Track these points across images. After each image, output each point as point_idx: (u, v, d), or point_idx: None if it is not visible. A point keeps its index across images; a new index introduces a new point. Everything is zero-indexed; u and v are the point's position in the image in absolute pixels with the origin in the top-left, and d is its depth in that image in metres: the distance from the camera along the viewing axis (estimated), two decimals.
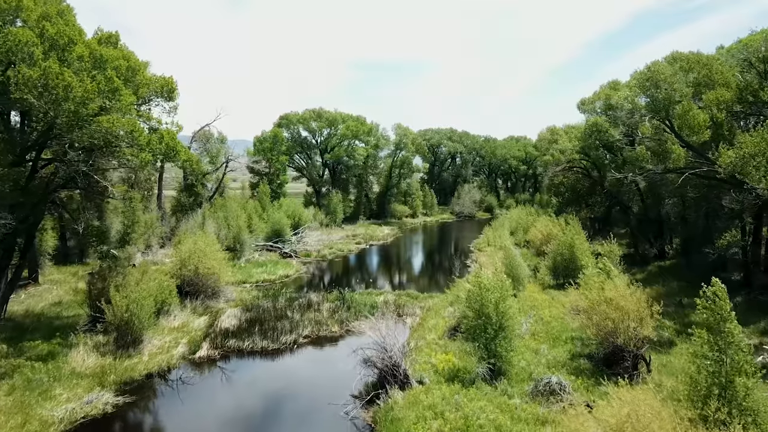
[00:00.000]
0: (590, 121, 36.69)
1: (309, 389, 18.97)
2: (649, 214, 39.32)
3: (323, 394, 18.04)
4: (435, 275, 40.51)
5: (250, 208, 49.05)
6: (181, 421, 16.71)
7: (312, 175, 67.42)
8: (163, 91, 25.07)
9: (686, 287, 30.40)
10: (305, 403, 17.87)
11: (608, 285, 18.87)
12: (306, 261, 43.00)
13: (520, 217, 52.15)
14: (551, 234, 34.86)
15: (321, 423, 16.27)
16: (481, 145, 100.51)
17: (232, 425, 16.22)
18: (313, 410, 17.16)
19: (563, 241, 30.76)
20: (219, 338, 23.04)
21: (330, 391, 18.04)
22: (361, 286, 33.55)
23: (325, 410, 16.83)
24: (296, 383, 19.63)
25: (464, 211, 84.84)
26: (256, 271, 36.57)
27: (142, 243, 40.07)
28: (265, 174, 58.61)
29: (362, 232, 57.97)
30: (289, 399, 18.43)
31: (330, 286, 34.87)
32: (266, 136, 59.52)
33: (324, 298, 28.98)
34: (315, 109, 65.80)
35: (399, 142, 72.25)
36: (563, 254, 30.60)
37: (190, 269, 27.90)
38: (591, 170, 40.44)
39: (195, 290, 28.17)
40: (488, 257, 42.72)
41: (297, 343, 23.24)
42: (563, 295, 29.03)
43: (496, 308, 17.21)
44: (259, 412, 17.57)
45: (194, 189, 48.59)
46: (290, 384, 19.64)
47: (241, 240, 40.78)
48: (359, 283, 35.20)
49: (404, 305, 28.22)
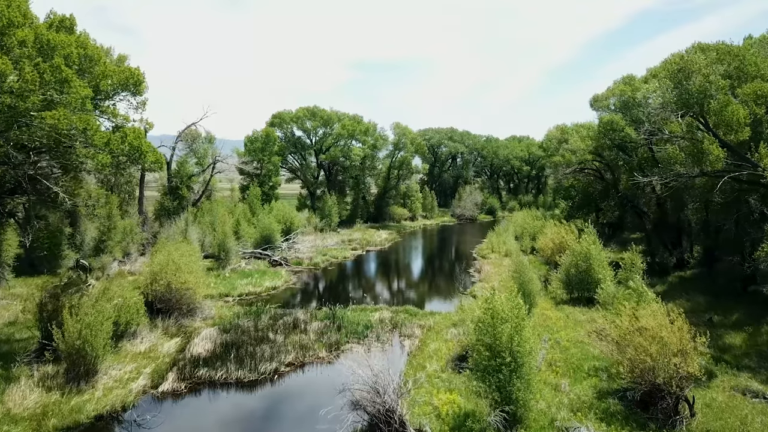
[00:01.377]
0: (604, 118, 33.72)
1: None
2: (667, 219, 36.37)
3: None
4: (436, 286, 37.49)
5: (239, 212, 46.10)
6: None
7: (306, 177, 64.40)
8: (129, 84, 22.08)
9: (714, 302, 27.45)
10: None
11: (642, 310, 15.89)
12: (297, 270, 40.01)
13: (526, 222, 49.16)
14: (564, 242, 31.87)
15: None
16: (483, 145, 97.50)
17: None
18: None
19: (578, 251, 27.77)
20: (189, 367, 20.03)
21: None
22: (355, 300, 30.57)
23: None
24: (273, 427, 16.65)
25: (465, 213, 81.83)
26: (241, 282, 33.56)
27: (119, 251, 37.09)
28: (256, 176, 55.62)
29: (359, 237, 54.97)
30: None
31: (320, 300, 31.91)
32: (257, 136, 56.52)
33: (312, 316, 26.00)
34: (309, 107, 62.74)
35: (397, 141, 69.24)
36: (578, 266, 27.62)
37: (162, 284, 24.89)
38: (604, 172, 37.45)
39: (168, 307, 25.19)
40: (493, 265, 39.77)
41: (278, 372, 20.24)
42: (580, 313, 26.08)
43: (511, 342, 14.21)
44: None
45: (179, 192, 45.62)
46: (265, 428, 16.66)
47: (226, 247, 37.80)
48: (353, 296, 32.25)
49: (402, 324, 25.24)
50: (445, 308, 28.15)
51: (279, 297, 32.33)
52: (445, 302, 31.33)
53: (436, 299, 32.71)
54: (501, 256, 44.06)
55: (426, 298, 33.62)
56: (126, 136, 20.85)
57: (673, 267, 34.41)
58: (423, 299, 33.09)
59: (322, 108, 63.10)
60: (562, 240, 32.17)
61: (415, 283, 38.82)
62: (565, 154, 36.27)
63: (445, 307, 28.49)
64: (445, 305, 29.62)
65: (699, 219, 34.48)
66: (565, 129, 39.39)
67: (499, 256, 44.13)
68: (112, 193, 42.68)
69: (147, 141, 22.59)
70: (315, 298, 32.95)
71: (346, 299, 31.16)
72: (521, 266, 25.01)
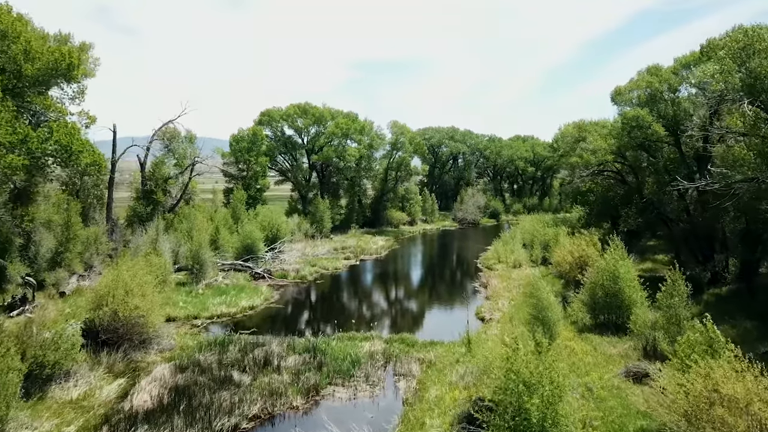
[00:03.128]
0: (628, 114, 29.49)
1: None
2: (698, 229, 32.12)
3: None
4: (436, 305, 33.10)
5: (219, 218, 41.88)
6: None
7: (297, 179, 60.11)
8: (59, 67, 17.83)
9: (763, 328, 23.24)
10: None
11: (719, 369, 11.63)
12: (281, 284, 35.80)
13: (535, 229, 44.91)
14: (585, 256, 27.62)
15: None
16: (486, 145, 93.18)
17: None
18: None
19: (604, 268, 23.54)
20: (124, 424, 15.83)
21: None
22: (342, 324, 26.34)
23: None
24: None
25: (467, 217, 77.55)
26: (214, 301, 29.34)
27: (78, 264, 32.83)
28: (242, 178, 51.41)
29: (353, 244, 50.73)
30: None
31: (302, 324, 27.77)
32: (244, 135, 52.28)
33: (289, 348, 21.75)
34: (300, 104, 58.48)
35: (395, 141, 64.94)
36: (604, 286, 23.39)
37: (107, 311, 20.67)
38: (626, 174, 33.20)
39: (116, 338, 20.99)
40: (500, 279, 35.54)
41: (239, 429, 16.02)
42: (609, 344, 21.85)
43: (543, 423, 9.98)
44: None
45: (153, 196, 41.39)
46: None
47: (200, 259, 33.57)
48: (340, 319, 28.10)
49: (396, 358, 21.01)
50: (448, 334, 23.95)
51: (256, 319, 28.14)
52: (448, 326, 27.10)
53: (437, 322, 28.48)
54: (509, 267, 39.85)
55: (425, 320, 29.41)
56: (51, 133, 16.56)
57: (707, 283, 30.15)
58: (422, 322, 28.91)
59: (315, 105, 58.94)
60: (583, 253, 27.90)
61: (413, 302, 34.52)
62: (584, 154, 32.01)
63: (447, 333, 24.30)
64: (447, 330, 25.40)
65: (736, 228, 30.33)
66: (583, 126, 35.18)
67: (506, 267, 39.91)
68: (78, 197, 38.59)
69: (83, 139, 18.36)
70: (296, 321, 28.78)
71: (332, 322, 27.01)
72: (539, 291, 20.77)
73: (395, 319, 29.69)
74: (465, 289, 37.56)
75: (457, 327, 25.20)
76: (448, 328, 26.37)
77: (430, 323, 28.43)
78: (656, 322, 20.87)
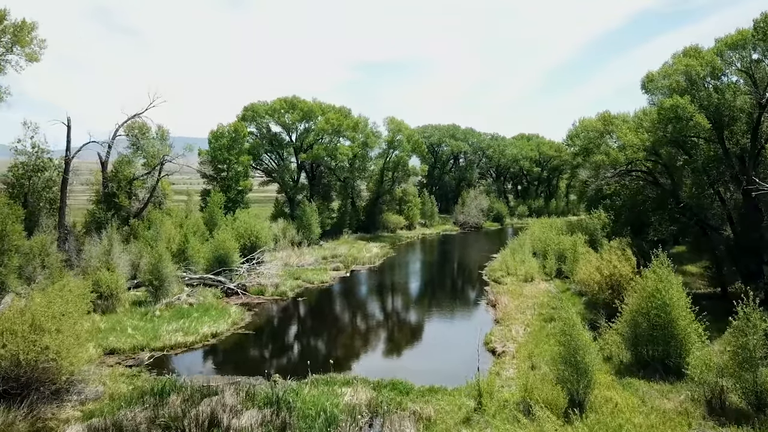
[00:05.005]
0: (666, 103, 24.60)
1: None
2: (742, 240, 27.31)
3: None
4: (436, 332, 27.76)
5: (190, 224, 36.96)
6: None
7: (284, 180, 55.10)
8: None
9: None
10: None
11: None
12: (257, 302, 30.94)
13: (547, 236, 40.03)
14: (618, 275, 22.67)
15: None
16: (488, 143, 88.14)
17: None
18: None
19: (649, 294, 18.63)
20: None
21: None
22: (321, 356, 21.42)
23: None
24: None
25: (469, 221, 72.60)
26: (170, 327, 24.38)
27: (14, 280, 27.85)
28: (222, 179, 46.52)
29: (344, 252, 45.84)
30: None
31: (271, 358, 22.91)
32: (223, 131, 47.33)
33: (247, 399, 16.83)
34: (287, 98, 53.44)
35: (392, 139, 59.95)
36: (650, 315, 18.49)
37: (4, 355, 15.77)
38: (659, 175, 28.30)
39: (18, 389, 16.07)
40: (511, 296, 30.65)
41: None
42: (659, 393, 16.95)
43: None
44: None
45: (115, 200, 36.46)
46: None
47: (160, 274, 28.65)
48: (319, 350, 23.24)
49: (385, 414, 16.07)
50: (452, 374, 19.11)
51: (217, 351, 23.29)
52: (452, 360, 22.23)
53: (438, 354, 23.56)
54: (519, 281, 34.93)
55: (423, 351, 24.44)
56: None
57: (762, 303, 25.24)
58: (419, 354, 23.98)
59: (303, 99, 53.85)
60: (614, 271, 22.93)
61: (409, 326, 29.31)
62: (611, 150, 27.08)
63: (451, 372, 19.47)
64: (451, 368, 20.57)
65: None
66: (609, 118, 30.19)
67: (517, 281, 35.00)
68: (26, 200, 33.70)
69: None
70: (264, 355, 23.86)
71: (310, 353, 22.17)
72: (573, 329, 15.87)
73: (387, 350, 24.74)
74: (470, 306, 32.67)
75: (463, 361, 20.36)
76: (452, 363, 21.47)
77: (429, 356, 23.51)
78: (724, 367, 16.04)
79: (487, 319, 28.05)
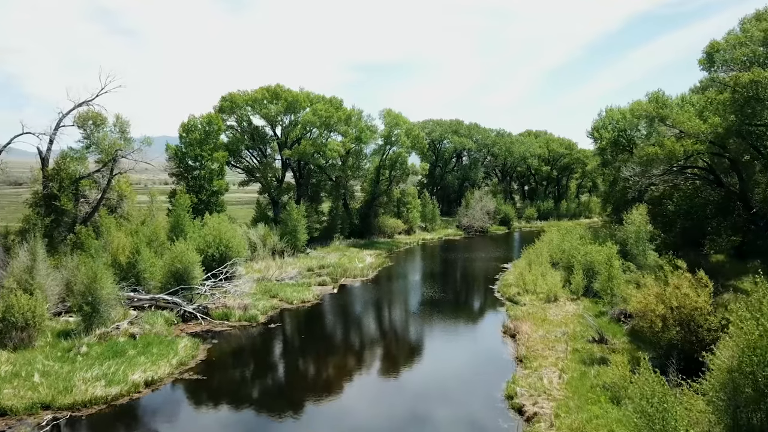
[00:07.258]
0: (744, 78, 18.63)
1: None
2: None
3: None
4: (443, 373, 21.54)
5: (146, 233, 30.95)
6: None
7: (267, 179, 49.02)
8: None
9: None
10: None
11: None
12: (219, 329, 25.00)
13: (571, 245, 34.03)
14: (690, 306, 16.65)
15: None
16: (494, 140, 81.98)
17: None
18: None
19: (752, 344, 12.68)
20: None
21: None
22: (285, 416, 15.47)
23: None
24: None
25: (474, 224, 66.56)
26: (87, 375, 18.32)
27: None
28: (193, 178, 40.55)
29: (333, 262, 39.93)
30: None
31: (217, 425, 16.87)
32: (195, 123, 41.32)
33: None
34: (270, 86, 47.36)
35: (389, 134, 53.87)
36: (756, 375, 12.54)
37: None
38: (725, 175, 22.30)
39: None
40: (533, 322, 24.69)
41: None
42: None
43: None
44: None
45: (56, 203, 30.48)
46: None
47: (95, 296, 22.65)
48: (284, 411, 17.26)
49: None
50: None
51: (146, 410, 17.30)
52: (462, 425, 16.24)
53: (443, 418, 17.52)
54: (540, 301, 29.00)
55: (425, 412, 18.27)
56: None
57: None
58: (418, 420, 17.80)
59: (288, 88, 47.76)
60: (684, 301, 16.91)
61: (406, 368, 22.29)
62: (665, 142, 21.09)
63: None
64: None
65: None
66: (664, 100, 24.11)
67: (537, 301, 29.07)
68: None
69: None
70: (209, 415, 17.69)
71: (271, 415, 16.23)
72: (665, 403, 9.97)
73: (373, 410, 18.58)
74: (483, 335, 26.72)
75: (480, 427, 14.40)
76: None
77: (432, 419, 17.47)
78: None
79: (505, 355, 22.06)
